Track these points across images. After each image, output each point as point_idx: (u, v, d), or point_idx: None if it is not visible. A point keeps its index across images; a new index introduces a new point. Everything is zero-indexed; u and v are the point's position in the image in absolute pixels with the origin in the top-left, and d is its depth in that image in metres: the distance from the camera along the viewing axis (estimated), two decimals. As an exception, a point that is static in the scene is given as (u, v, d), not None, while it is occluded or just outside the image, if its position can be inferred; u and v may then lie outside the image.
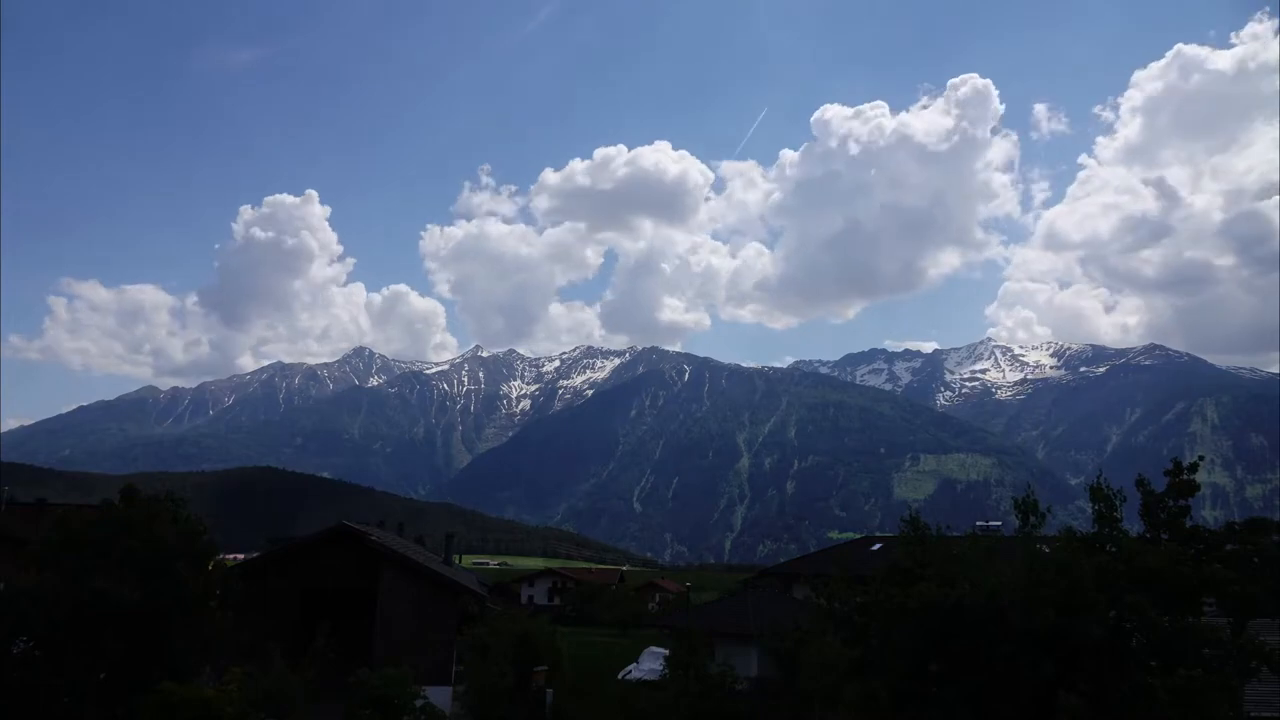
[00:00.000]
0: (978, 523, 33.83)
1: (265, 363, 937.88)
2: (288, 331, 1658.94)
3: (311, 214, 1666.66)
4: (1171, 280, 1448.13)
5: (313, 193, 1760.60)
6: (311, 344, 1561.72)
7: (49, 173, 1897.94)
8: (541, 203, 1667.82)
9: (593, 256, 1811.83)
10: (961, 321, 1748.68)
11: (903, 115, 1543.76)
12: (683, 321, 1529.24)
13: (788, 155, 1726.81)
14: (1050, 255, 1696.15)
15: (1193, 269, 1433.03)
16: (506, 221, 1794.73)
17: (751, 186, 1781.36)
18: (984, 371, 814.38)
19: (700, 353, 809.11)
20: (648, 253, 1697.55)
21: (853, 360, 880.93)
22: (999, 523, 36.69)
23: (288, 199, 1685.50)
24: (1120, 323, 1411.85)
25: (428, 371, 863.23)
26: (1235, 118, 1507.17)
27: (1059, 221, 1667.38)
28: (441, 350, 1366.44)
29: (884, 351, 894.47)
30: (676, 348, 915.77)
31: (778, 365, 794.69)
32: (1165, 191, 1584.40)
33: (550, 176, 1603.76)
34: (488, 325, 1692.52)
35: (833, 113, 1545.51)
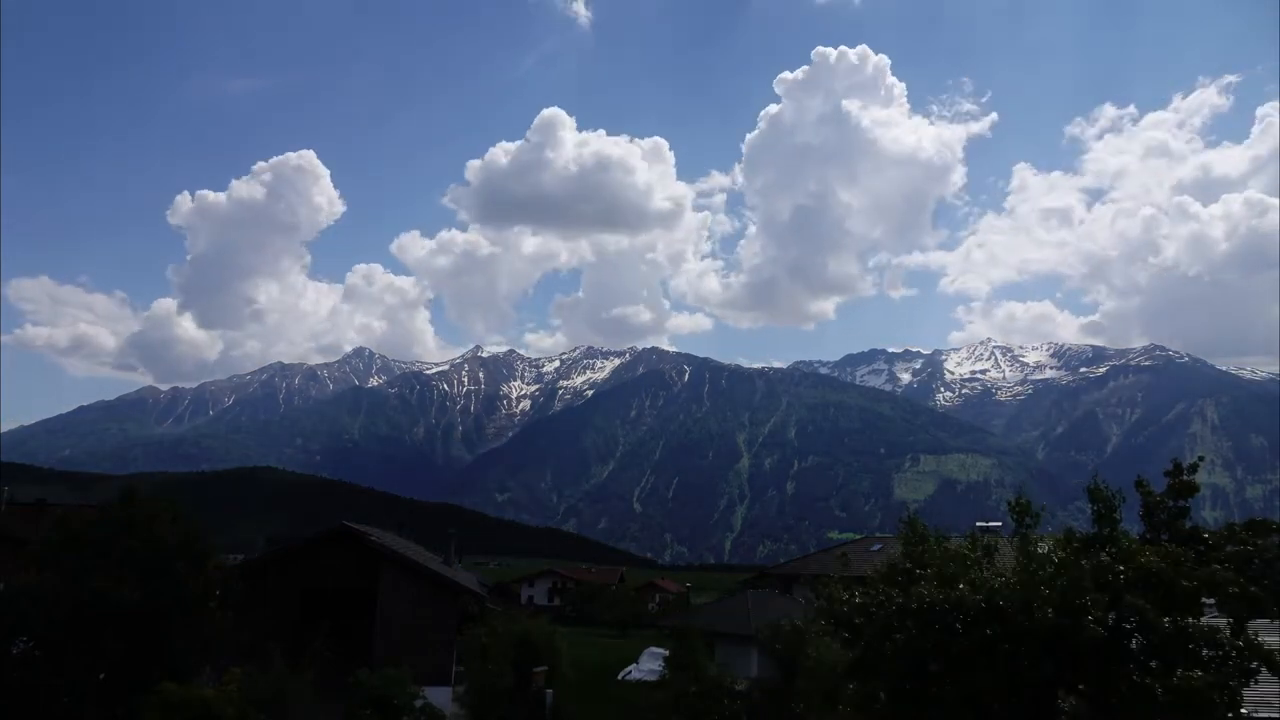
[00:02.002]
0: (978, 523, 33.82)
1: (267, 362, 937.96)
2: (273, 328, 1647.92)
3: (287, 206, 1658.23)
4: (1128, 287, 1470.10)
5: (306, 152, 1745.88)
6: (301, 341, 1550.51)
7: (40, 175, 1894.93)
8: (500, 208, 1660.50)
9: (558, 259, 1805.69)
10: (930, 326, 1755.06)
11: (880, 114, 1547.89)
12: (645, 324, 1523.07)
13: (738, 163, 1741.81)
14: (1002, 266, 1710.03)
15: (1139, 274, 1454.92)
16: (467, 228, 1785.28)
17: (714, 190, 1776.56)
18: (984, 372, 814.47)
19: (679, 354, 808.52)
20: (614, 256, 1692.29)
21: (852, 360, 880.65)
22: (999, 523, 36.66)
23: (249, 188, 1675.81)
24: (1085, 324, 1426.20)
25: (428, 372, 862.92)
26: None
27: (1014, 230, 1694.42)
28: (426, 342, 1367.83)
29: (884, 352, 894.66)
30: (665, 346, 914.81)
31: (778, 365, 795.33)
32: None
33: (513, 183, 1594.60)
34: (457, 329, 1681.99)
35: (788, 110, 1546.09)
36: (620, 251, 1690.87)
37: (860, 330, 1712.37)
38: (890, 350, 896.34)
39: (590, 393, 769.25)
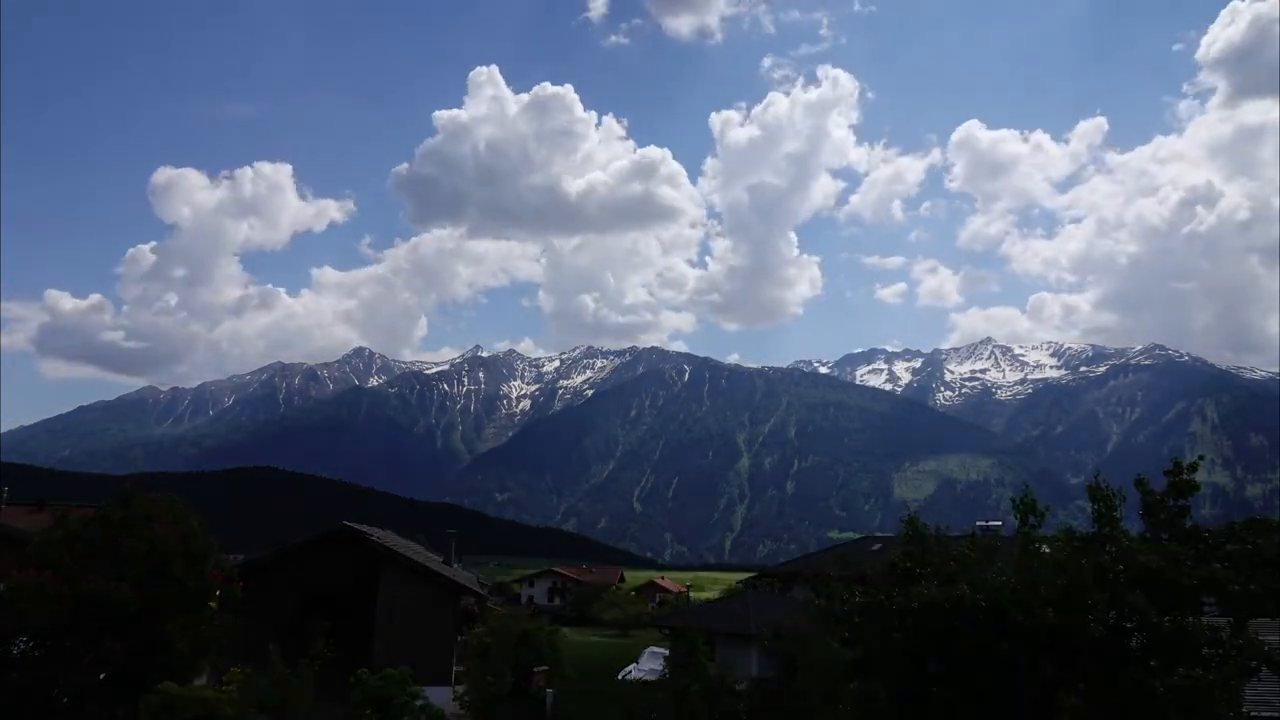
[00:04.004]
0: (978, 523, 33.84)
1: (266, 362, 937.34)
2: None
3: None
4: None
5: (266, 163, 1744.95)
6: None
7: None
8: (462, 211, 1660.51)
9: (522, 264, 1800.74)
10: (911, 330, 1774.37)
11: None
12: (612, 326, 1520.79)
13: (711, 164, 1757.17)
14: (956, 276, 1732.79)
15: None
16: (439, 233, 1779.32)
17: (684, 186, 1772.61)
18: (984, 371, 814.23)
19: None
20: (574, 259, 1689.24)
21: (852, 360, 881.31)
22: (999, 522, 36.69)
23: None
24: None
25: (428, 371, 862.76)
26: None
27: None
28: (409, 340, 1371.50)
29: (884, 351, 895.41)
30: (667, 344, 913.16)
31: (778, 365, 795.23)
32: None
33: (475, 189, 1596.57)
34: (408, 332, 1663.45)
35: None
36: (582, 254, 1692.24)
37: (837, 332, 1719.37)
38: (890, 350, 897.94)
39: (590, 392, 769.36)
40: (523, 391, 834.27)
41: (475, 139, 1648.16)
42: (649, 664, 38.50)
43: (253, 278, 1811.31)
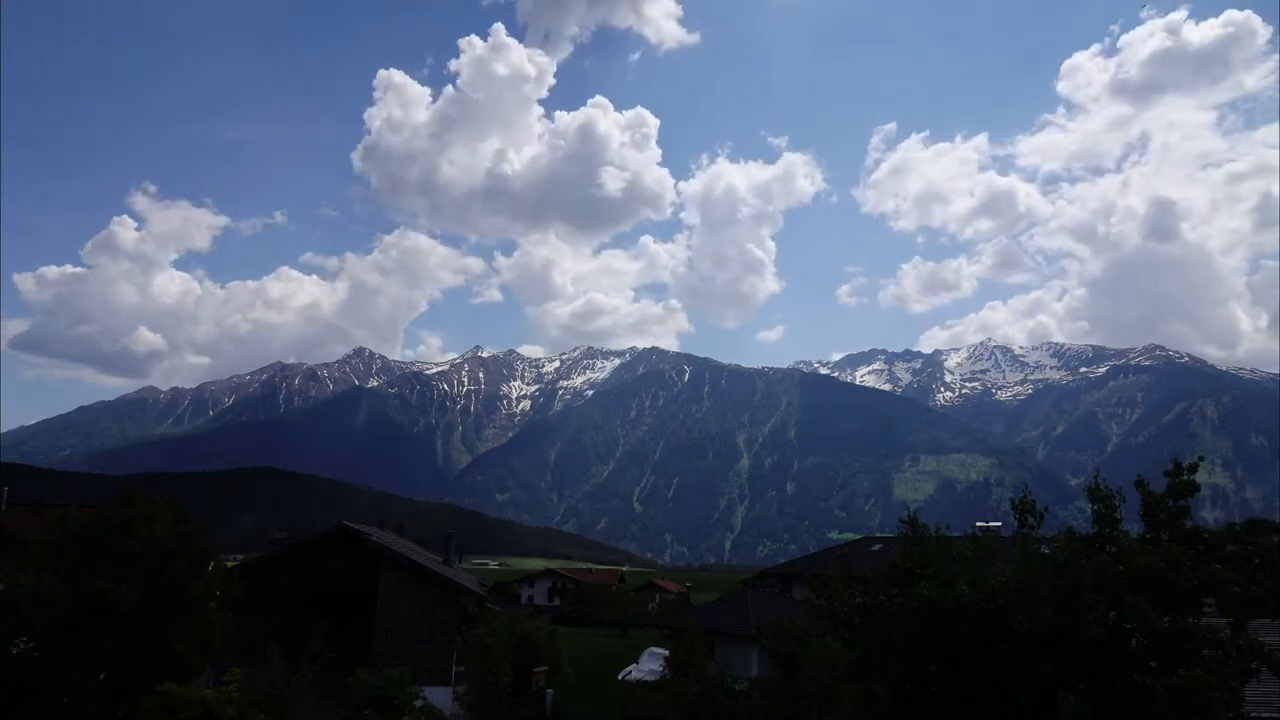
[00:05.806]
0: (978, 523, 33.85)
1: (266, 363, 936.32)
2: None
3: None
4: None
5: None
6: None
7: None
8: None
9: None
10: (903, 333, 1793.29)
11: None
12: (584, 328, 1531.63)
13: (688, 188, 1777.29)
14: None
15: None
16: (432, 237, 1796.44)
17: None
18: (984, 372, 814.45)
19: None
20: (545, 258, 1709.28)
21: (853, 360, 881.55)
22: (999, 523, 36.70)
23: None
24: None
25: (428, 372, 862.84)
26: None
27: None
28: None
29: (884, 352, 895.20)
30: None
31: (778, 365, 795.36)
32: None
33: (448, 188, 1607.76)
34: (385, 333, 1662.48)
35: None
36: (541, 252, 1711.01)
37: (822, 333, 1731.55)
38: (890, 350, 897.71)
39: (590, 393, 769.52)
40: (523, 392, 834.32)
41: (416, 134, 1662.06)
42: (649, 664, 38.52)
43: (222, 279, 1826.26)
